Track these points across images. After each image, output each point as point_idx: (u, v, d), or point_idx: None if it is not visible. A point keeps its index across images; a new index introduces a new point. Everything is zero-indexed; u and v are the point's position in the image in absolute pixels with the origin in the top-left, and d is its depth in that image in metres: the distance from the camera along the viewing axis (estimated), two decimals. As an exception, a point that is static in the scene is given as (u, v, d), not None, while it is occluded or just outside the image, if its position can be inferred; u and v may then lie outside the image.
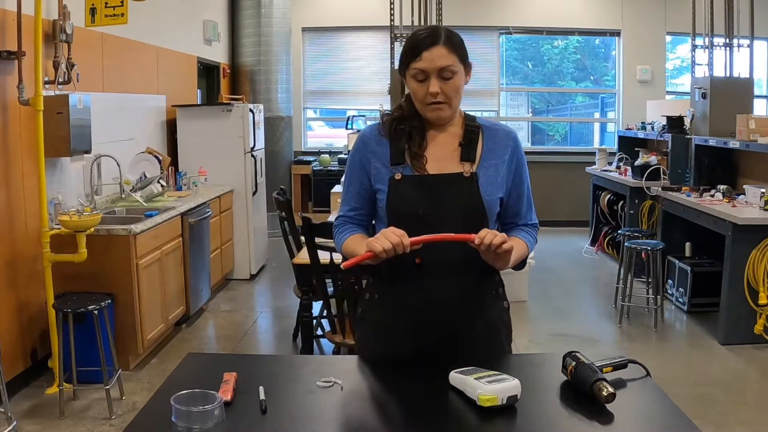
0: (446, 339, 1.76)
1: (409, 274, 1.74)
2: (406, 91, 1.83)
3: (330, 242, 1.91)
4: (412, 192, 1.73)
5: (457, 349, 1.76)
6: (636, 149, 7.07)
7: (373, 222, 1.88)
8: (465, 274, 1.75)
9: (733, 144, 5.10)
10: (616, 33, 8.91)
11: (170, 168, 5.51)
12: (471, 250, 1.65)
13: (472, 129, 1.80)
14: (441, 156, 1.77)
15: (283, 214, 4.05)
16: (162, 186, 5.04)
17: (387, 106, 7.18)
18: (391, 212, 1.76)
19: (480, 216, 1.73)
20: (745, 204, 4.70)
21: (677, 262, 5.28)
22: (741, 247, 4.35)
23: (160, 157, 5.28)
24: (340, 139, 8.69)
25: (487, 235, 1.59)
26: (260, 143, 6.59)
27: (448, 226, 1.67)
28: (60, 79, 4.02)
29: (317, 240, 3.23)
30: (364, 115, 8.47)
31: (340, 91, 8.98)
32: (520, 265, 1.84)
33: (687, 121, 6.23)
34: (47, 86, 3.86)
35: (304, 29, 8.80)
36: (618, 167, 7.13)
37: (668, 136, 6.23)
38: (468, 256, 1.69)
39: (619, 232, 5.99)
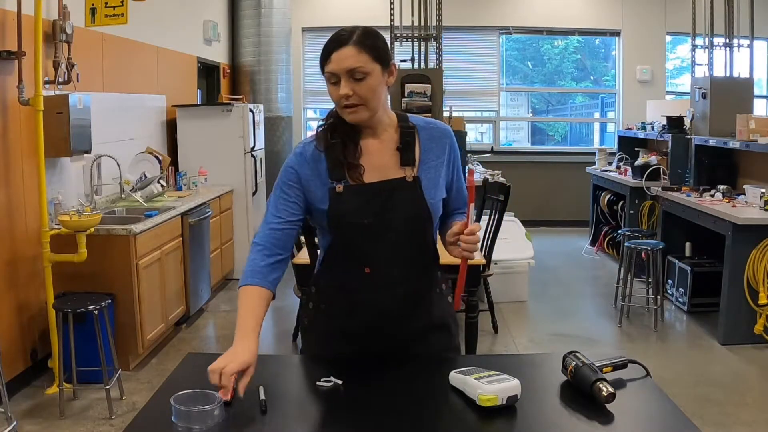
0: (397, 343, 1.76)
1: (359, 284, 1.72)
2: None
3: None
4: (356, 202, 1.68)
5: (409, 351, 1.76)
6: (636, 149, 7.06)
7: (315, 239, 1.85)
8: (411, 280, 1.74)
9: (733, 144, 5.10)
10: (616, 33, 8.91)
11: (170, 168, 5.51)
12: (417, 256, 1.66)
13: (407, 131, 1.74)
14: (380, 164, 1.72)
15: (283, 214, 4.04)
16: (162, 186, 5.04)
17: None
18: (335, 225, 1.70)
19: (425, 220, 1.70)
20: (745, 204, 4.70)
21: (677, 262, 5.28)
22: (741, 247, 4.35)
23: (160, 157, 5.28)
24: (340, 139, 8.67)
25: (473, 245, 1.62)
26: (260, 143, 6.59)
27: (395, 234, 1.67)
28: (60, 79, 4.02)
29: (317, 240, 3.23)
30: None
31: (340, 91, 8.97)
32: None
33: (687, 121, 6.23)
34: (47, 86, 3.86)
35: (304, 29, 8.80)
36: (618, 167, 7.13)
37: (668, 136, 6.24)
38: (414, 261, 1.70)
39: (619, 232, 5.99)
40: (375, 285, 1.72)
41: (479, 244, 1.61)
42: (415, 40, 6.96)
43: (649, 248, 4.90)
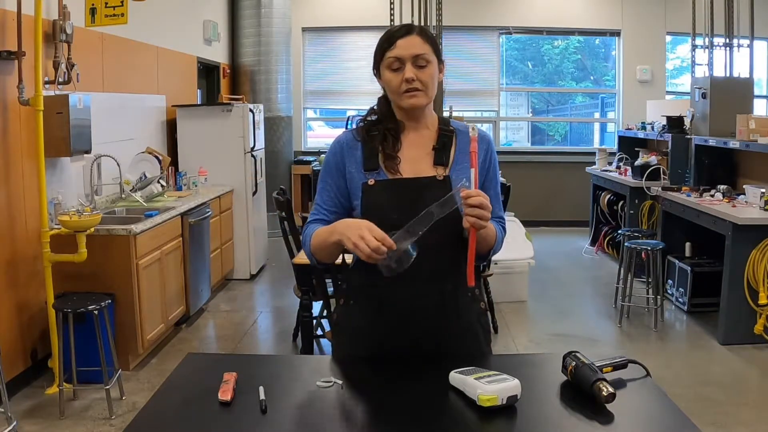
0: (423, 343, 1.76)
1: (385, 279, 1.72)
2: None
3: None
4: (386, 197, 1.72)
5: (433, 352, 1.76)
6: (636, 149, 7.07)
7: None
8: (440, 279, 1.74)
9: (733, 144, 5.10)
10: (616, 33, 8.91)
11: (170, 168, 5.51)
12: (445, 255, 1.64)
13: (445, 133, 1.81)
14: (415, 159, 1.77)
15: (283, 214, 4.05)
16: (162, 186, 5.04)
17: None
18: (366, 217, 1.72)
19: (453, 219, 1.67)
20: (745, 204, 4.70)
21: (677, 262, 5.28)
22: (741, 247, 4.35)
23: (160, 157, 5.28)
24: (340, 139, 8.68)
25: (479, 197, 1.57)
26: (260, 143, 6.59)
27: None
28: (60, 79, 4.02)
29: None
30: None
31: (340, 91, 8.98)
32: (485, 255, 1.81)
33: (687, 121, 6.23)
34: (47, 86, 3.86)
35: (304, 29, 8.80)
36: (618, 167, 7.13)
37: (668, 136, 6.24)
38: (443, 261, 1.70)
39: (619, 232, 5.99)
40: (402, 280, 1.71)
41: (486, 212, 1.59)
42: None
43: (649, 248, 4.90)
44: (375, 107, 1.84)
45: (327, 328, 4.27)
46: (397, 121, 1.80)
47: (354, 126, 1.86)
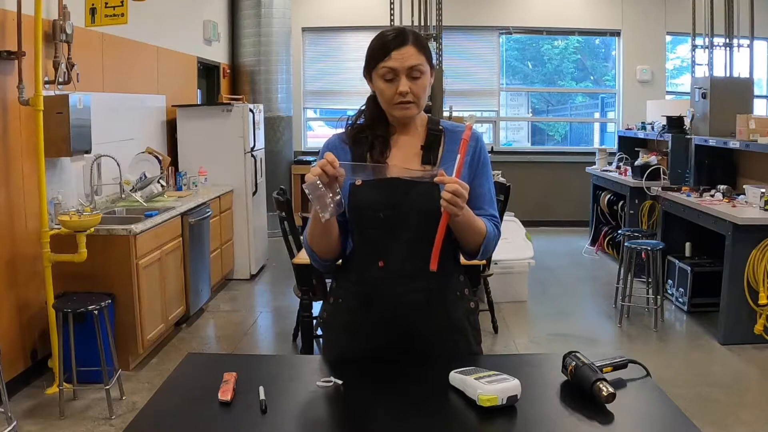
0: (411, 340, 1.77)
1: (373, 277, 1.75)
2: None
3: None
4: (373, 196, 1.73)
5: (421, 351, 1.76)
6: (636, 149, 7.07)
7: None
8: (428, 278, 1.72)
9: (733, 144, 5.10)
10: (616, 33, 8.91)
11: (170, 168, 5.51)
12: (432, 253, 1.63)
13: (433, 132, 1.81)
14: (403, 159, 1.77)
15: (283, 214, 4.05)
16: (162, 186, 5.04)
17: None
18: (354, 217, 1.76)
19: (440, 217, 1.66)
20: (745, 204, 4.70)
21: (677, 262, 5.28)
22: (741, 247, 4.35)
23: (160, 157, 5.28)
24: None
25: (452, 185, 1.56)
26: (260, 143, 6.59)
27: (410, 228, 1.70)
28: (60, 79, 4.02)
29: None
30: (363, 115, 8.46)
31: (340, 91, 8.98)
32: (480, 252, 1.77)
33: (687, 121, 6.23)
34: (47, 86, 3.86)
35: (304, 29, 8.80)
36: (618, 167, 7.13)
37: (668, 136, 6.24)
38: (429, 259, 1.69)
39: (619, 232, 5.99)
40: (389, 279, 1.74)
41: (460, 200, 1.58)
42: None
43: (649, 248, 4.90)
44: (363, 110, 1.84)
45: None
46: (386, 125, 1.80)
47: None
